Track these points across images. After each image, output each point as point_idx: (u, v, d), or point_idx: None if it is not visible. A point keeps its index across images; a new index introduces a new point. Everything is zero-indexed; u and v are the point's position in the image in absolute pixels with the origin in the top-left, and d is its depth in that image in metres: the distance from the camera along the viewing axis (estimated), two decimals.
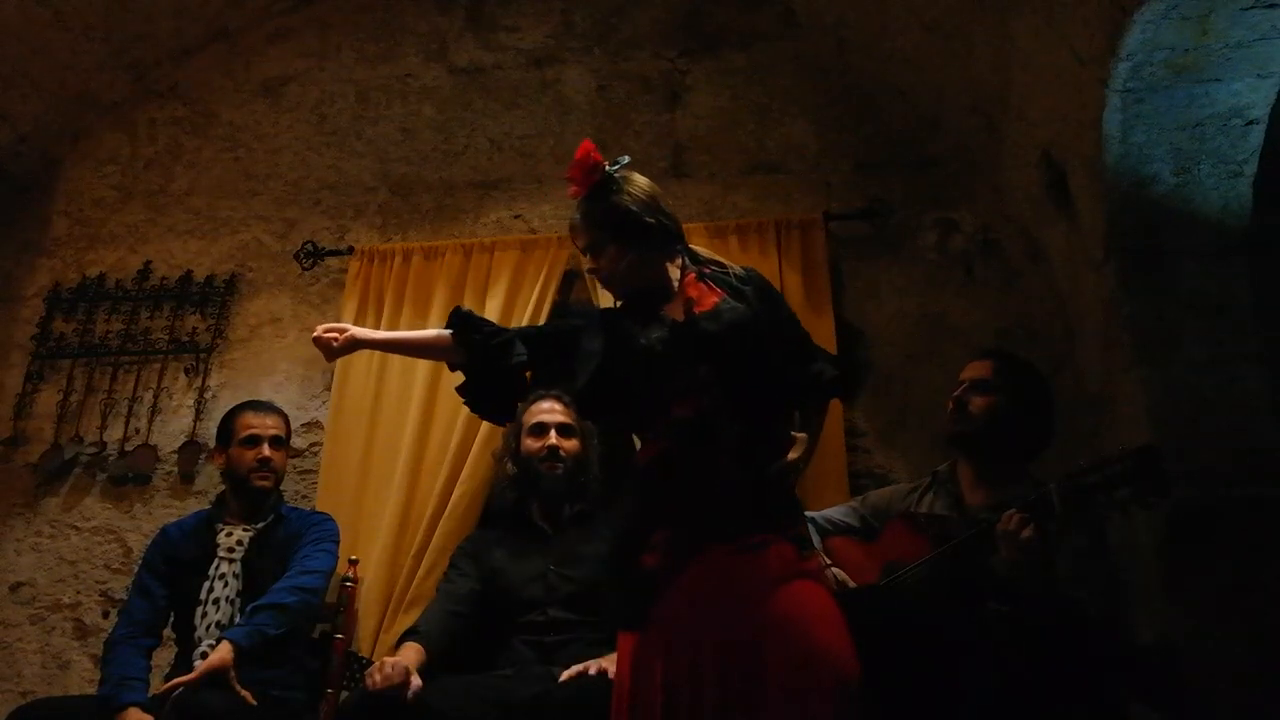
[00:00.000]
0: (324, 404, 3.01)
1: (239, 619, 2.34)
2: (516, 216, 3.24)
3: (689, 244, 1.96)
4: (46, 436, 3.14)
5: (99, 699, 2.25)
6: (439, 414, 2.82)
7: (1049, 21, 2.23)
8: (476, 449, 2.75)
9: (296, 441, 2.92)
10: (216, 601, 2.40)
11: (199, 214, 3.42)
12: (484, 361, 1.87)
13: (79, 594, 2.94)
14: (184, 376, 3.18)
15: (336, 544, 2.55)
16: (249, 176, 3.45)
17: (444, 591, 2.39)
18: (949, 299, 2.91)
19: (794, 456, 1.77)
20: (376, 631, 2.61)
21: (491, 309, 2.90)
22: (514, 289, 2.95)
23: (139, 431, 3.12)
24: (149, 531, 2.84)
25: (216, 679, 2.13)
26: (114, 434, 3.11)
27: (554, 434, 2.46)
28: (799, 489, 1.90)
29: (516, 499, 2.51)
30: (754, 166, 3.19)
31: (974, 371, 2.20)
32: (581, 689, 2.00)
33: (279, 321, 3.21)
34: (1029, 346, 2.67)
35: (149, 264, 3.35)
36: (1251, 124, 2.08)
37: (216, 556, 2.46)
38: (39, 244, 3.47)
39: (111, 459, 3.07)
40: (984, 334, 2.80)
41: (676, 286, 1.85)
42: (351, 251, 3.15)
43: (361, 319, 2.99)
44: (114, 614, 2.79)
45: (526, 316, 2.87)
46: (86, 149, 3.60)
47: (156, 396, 3.15)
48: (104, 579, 2.95)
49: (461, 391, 1.92)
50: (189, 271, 3.31)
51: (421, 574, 2.63)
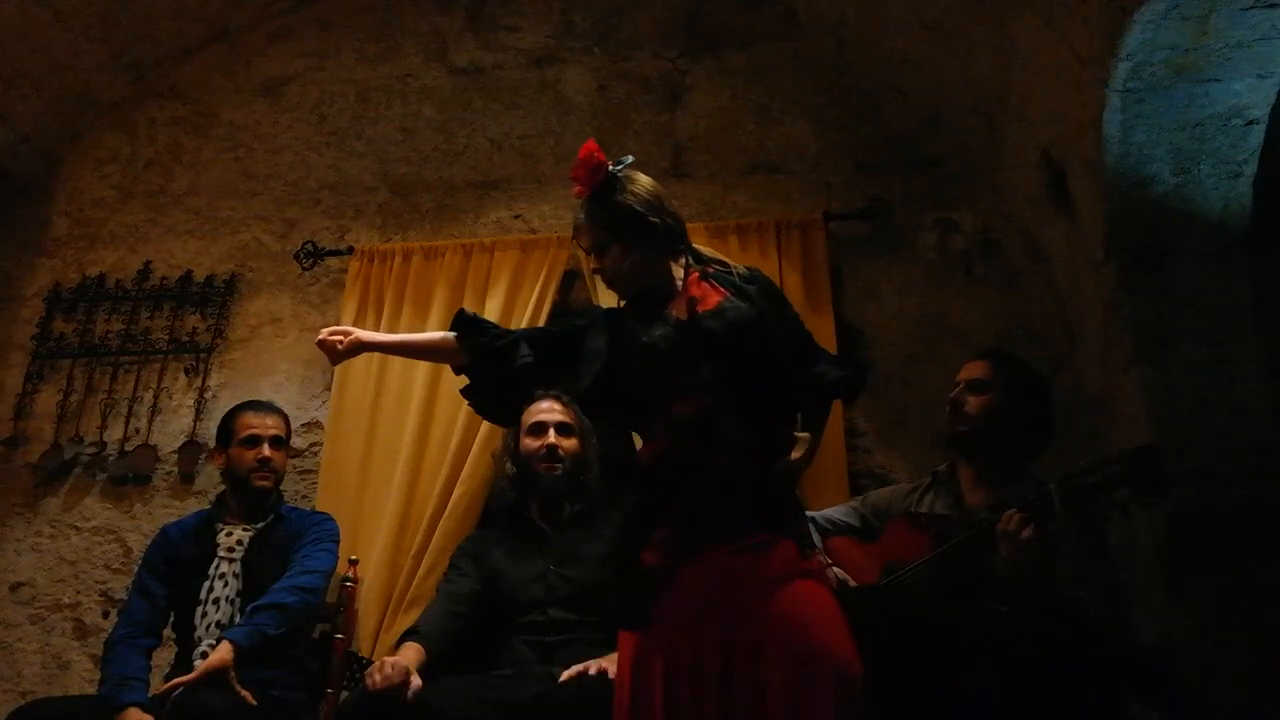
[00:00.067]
0: (324, 404, 3.02)
1: (239, 619, 2.34)
2: (516, 216, 3.24)
3: (692, 243, 1.96)
4: (46, 436, 3.14)
5: (99, 699, 2.25)
6: (439, 414, 2.82)
7: (1049, 21, 2.23)
8: (476, 449, 2.75)
9: (296, 441, 2.92)
10: (216, 601, 2.40)
11: (199, 214, 3.42)
12: (490, 364, 1.86)
13: (79, 594, 2.94)
14: (184, 376, 3.18)
15: (336, 544, 2.55)
16: (249, 176, 3.45)
17: (444, 591, 2.39)
18: (949, 299, 2.91)
19: (796, 456, 1.77)
20: (376, 631, 2.61)
21: (491, 309, 2.90)
22: (514, 289, 2.95)
23: (139, 431, 3.12)
24: (149, 531, 2.84)
25: (216, 679, 2.13)
26: (114, 434, 3.11)
27: (553, 433, 2.45)
28: (799, 489, 1.90)
29: (516, 499, 2.51)
30: (754, 166, 3.19)
31: (970, 372, 2.20)
32: (582, 689, 1.99)
33: (279, 321, 3.21)
34: (1029, 346, 2.67)
35: (149, 264, 3.35)
36: (1251, 124, 2.08)
37: (216, 556, 2.46)
38: (39, 244, 3.47)
39: (111, 459, 3.07)
40: (984, 334, 2.80)
41: (680, 286, 1.85)
42: (351, 251, 3.15)
43: (361, 319, 2.99)
44: (114, 614, 2.79)
45: (526, 316, 2.87)
46: (86, 149, 3.59)
47: (156, 396, 3.15)
48: (104, 579, 2.95)
49: (466, 394, 1.92)
50: (189, 271, 3.31)
51: (421, 574, 2.63)
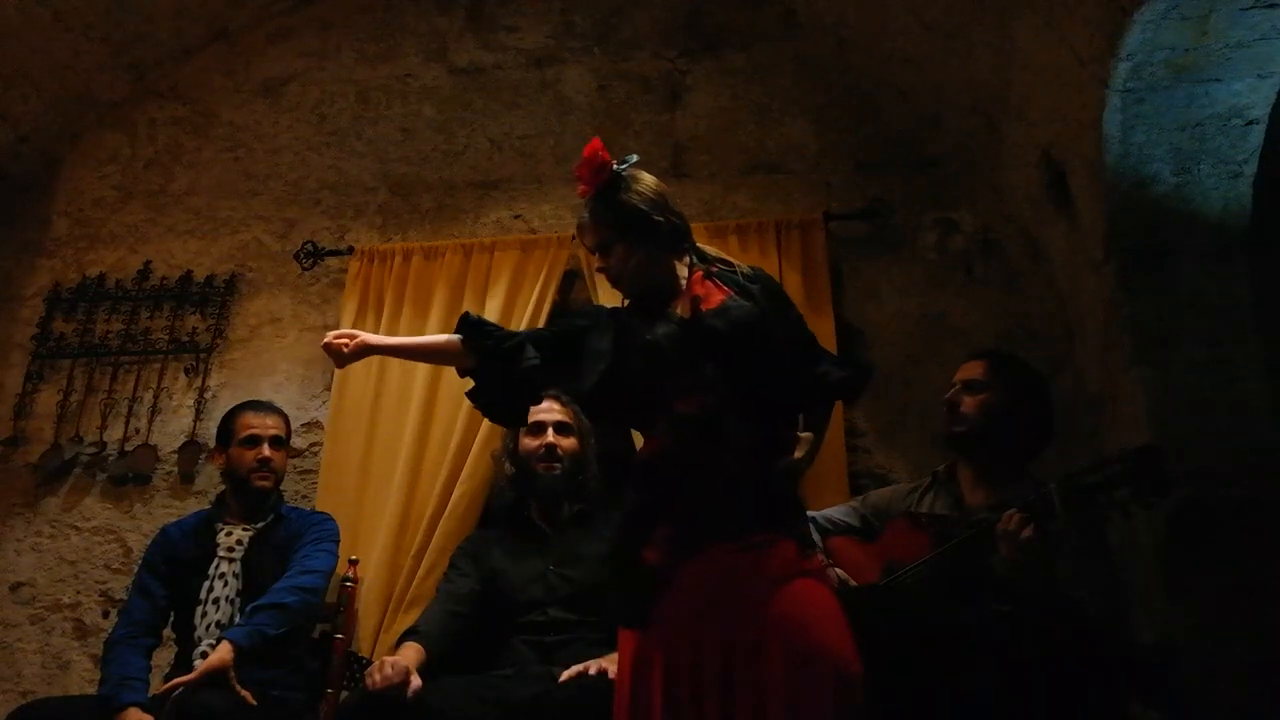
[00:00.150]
0: (324, 404, 3.02)
1: (239, 619, 2.34)
2: (516, 216, 3.24)
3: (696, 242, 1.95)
4: (46, 436, 3.14)
5: (99, 699, 2.25)
6: (439, 414, 2.82)
7: (1049, 21, 2.23)
8: (476, 449, 2.75)
9: (296, 441, 2.92)
10: (216, 601, 2.40)
11: (199, 214, 3.42)
12: (495, 366, 1.86)
13: (79, 594, 2.94)
14: (184, 376, 3.18)
15: (336, 544, 2.55)
16: (249, 176, 3.45)
17: (444, 591, 2.39)
18: (949, 299, 2.91)
19: (798, 455, 1.77)
20: (376, 631, 2.61)
21: (491, 309, 2.90)
22: (514, 289, 2.95)
23: (139, 431, 3.12)
24: (149, 531, 2.84)
25: (216, 679, 2.13)
26: (114, 434, 3.11)
27: (551, 432, 2.45)
28: (799, 489, 1.89)
29: (515, 499, 2.51)
30: (754, 166, 3.19)
31: (967, 372, 2.20)
32: (581, 689, 1.99)
33: (279, 321, 3.21)
34: (1029, 346, 2.67)
35: (149, 264, 3.35)
36: (1251, 124, 2.08)
37: (216, 556, 2.46)
38: (39, 244, 3.47)
39: (111, 459, 3.07)
40: (984, 334, 2.80)
41: (684, 285, 1.85)
42: (351, 251, 3.15)
43: (361, 319, 2.99)
44: (114, 614, 2.79)
45: (526, 316, 2.87)
46: (86, 149, 3.59)
47: (156, 396, 3.15)
48: (104, 579, 2.95)
49: (472, 396, 1.92)
50: (189, 271, 3.31)
51: (421, 574, 2.63)
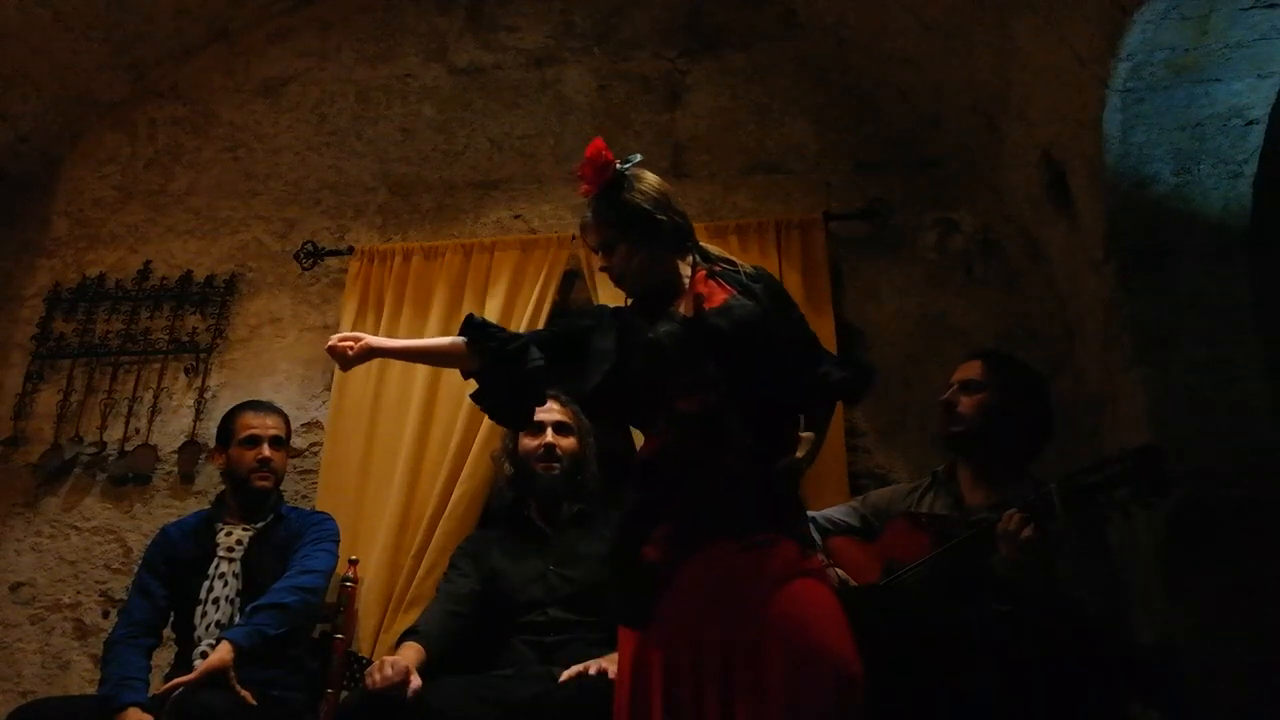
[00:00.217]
0: (324, 404, 3.01)
1: (239, 619, 2.34)
2: (516, 216, 3.24)
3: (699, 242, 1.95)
4: (46, 436, 3.14)
5: (99, 699, 2.25)
6: (439, 414, 2.82)
7: (1049, 21, 2.23)
8: (476, 449, 2.74)
9: (296, 441, 2.92)
10: (216, 601, 2.40)
11: (199, 214, 3.42)
12: (500, 369, 1.85)
13: (79, 594, 2.94)
14: (184, 376, 3.18)
15: (336, 544, 2.55)
16: (249, 176, 3.45)
17: (444, 591, 2.39)
18: (949, 299, 2.91)
19: (799, 455, 1.77)
20: (376, 631, 2.61)
21: (491, 309, 2.90)
22: (514, 289, 2.95)
23: (139, 431, 3.12)
24: (149, 531, 2.84)
25: (216, 679, 2.13)
26: (114, 434, 3.11)
27: (550, 432, 2.45)
28: (800, 489, 1.89)
29: (515, 499, 2.51)
30: (754, 166, 3.19)
31: (964, 373, 2.20)
32: (581, 689, 1.99)
33: (279, 321, 3.21)
34: (1029, 346, 2.68)
35: (149, 264, 3.35)
36: (1251, 124, 2.08)
37: (216, 556, 2.46)
38: (39, 244, 3.47)
39: (111, 459, 3.07)
40: (984, 334, 2.80)
41: (687, 284, 1.85)
42: (351, 251, 3.15)
43: (361, 319, 2.99)
44: (114, 614, 2.79)
45: (526, 316, 2.87)
46: (86, 149, 3.59)
47: (156, 396, 3.15)
48: (104, 579, 2.95)
49: (477, 399, 1.91)
50: (189, 271, 3.31)
51: (421, 574, 2.63)
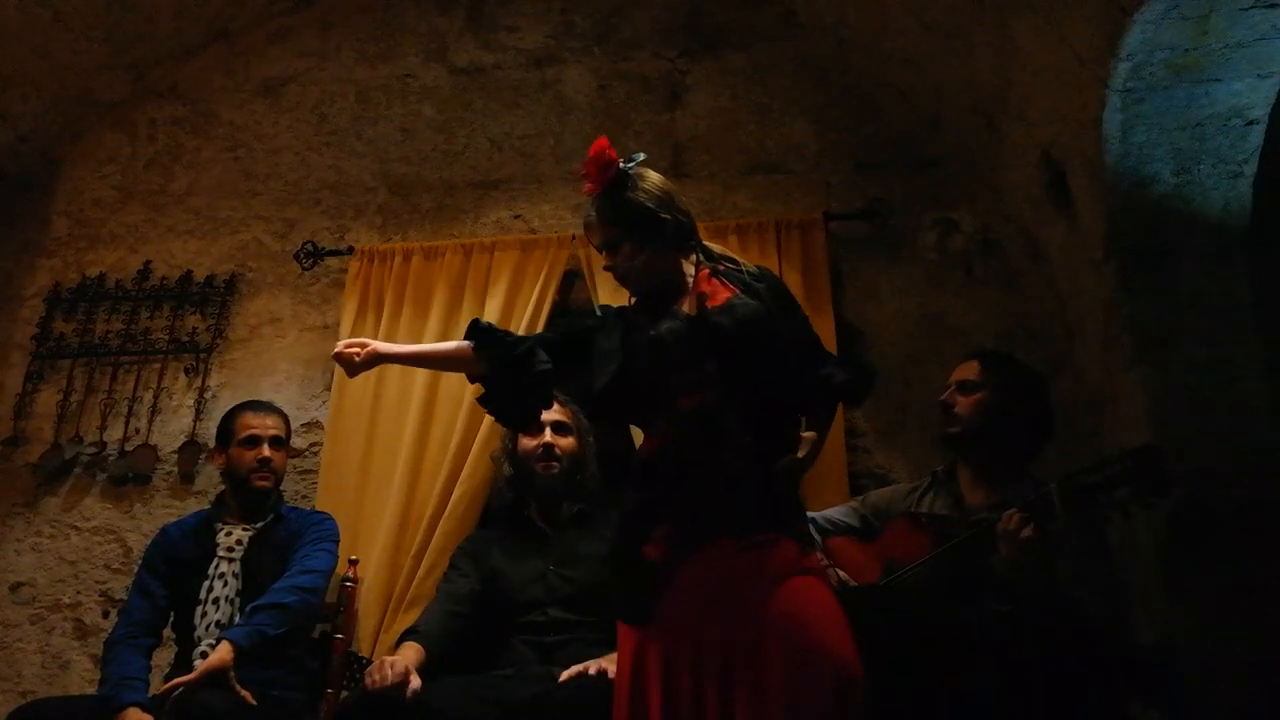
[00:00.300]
0: (324, 404, 3.01)
1: (239, 619, 2.34)
2: (516, 216, 3.24)
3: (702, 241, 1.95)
4: (46, 436, 3.13)
5: (99, 699, 2.24)
6: (439, 414, 2.82)
7: (1049, 21, 2.23)
8: (476, 449, 2.74)
9: (296, 441, 2.92)
10: (216, 601, 2.40)
11: (199, 214, 3.42)
12: (507, 372, 1.86)
13: (79, 594, 2.94)
14: (184, 376, 3.18)
15: (336, 543, 2.55)
16: (249, 176, 3.45)
17: (444, 591, 2.39)
18: (949, 299, 2.91)
19: (800, 455, 1.77)
20: (376, 631, 2.61)
21: (491, 309, 2.90)
22: (514, 289, 2.95)
23: (139, 431, 3.12)
24: (149, 531, 2.84)
25: (216, 679, 2.13)
26: (114, 434, 3.11)
27: (549, 432, 2.44)
28: (800, 489, 1.89)
29: (514, 499, 2.51)
30: (754, 166, 3.19)
31: (962, 373, 2.20)
32: (581, 689, 1.99)
33: (279, 321, 3.21)
34: (1029, 346, 2.68)
35: (149, 264, 3.35)
36: (1251, 124, 2.08)
37: (216, 556, 2.46)
38: (39, 244, 3.47)
39: (111, 459, 3.07)
40: (984, 334, 2.80)
41: (690, 283, 1.85)
42: (351, 251, 3.15)
43: (361, 319, 2.99)
44: (114, 614, 2.79)
45: (526, 316, 2.87)
46: (86, 149, 3.59)
47: (156, 396, 3.15)
48: (104, 579, 2.95)
49: (483, 402, 1.92)
50: (189, 271, 3.31)
51: (421, 574, 2.63)
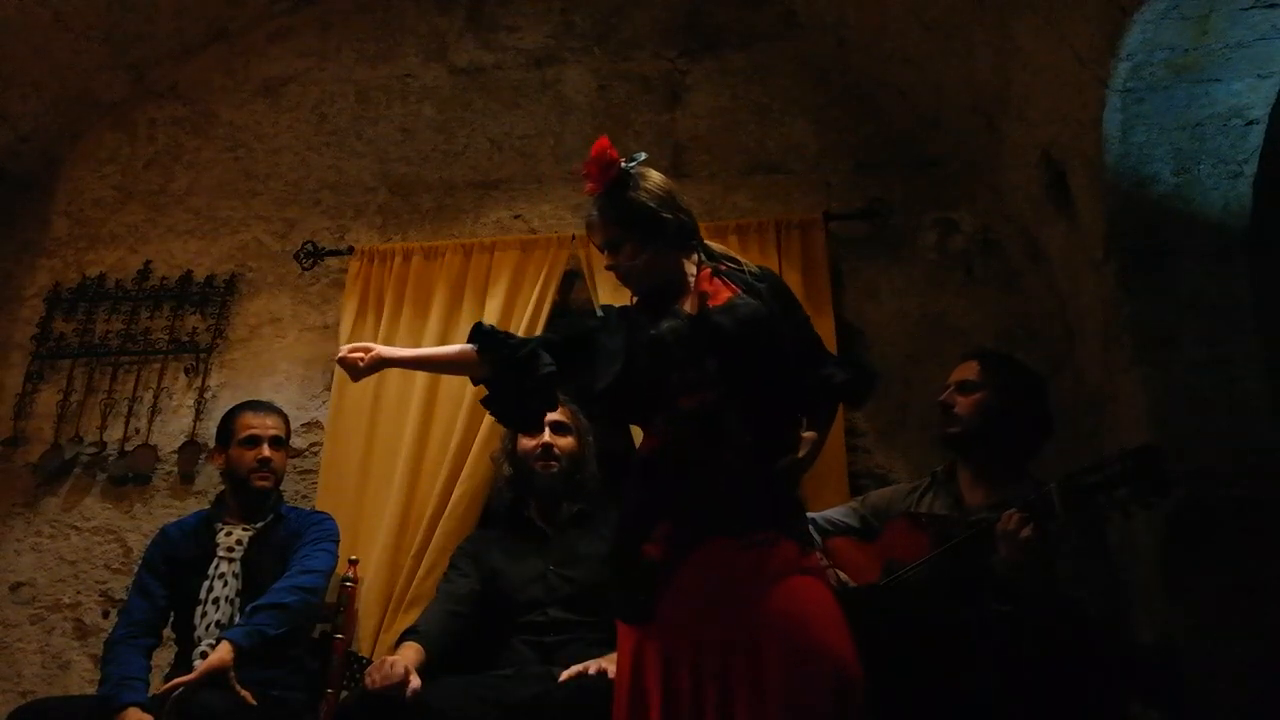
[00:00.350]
0: (324, 404, 3.01)
1: (239, 619, 2.34)
2: (516, 216, 3.24)
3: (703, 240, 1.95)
4: (46, 436, 3.14)
5: (99, 699, 2.24)
6: (439, 414, 2.82)
7: (1049, 21, 2.23)
8: (476, 449, 2.74)
9: (296, 441, 2.92)
10: (216, 601, 2.40)
11: (199, 214, 3.42)
12: (511, 375, 1.86)
13: (79, 594, 2.94)
14: (184, 376, 3.18)
15: (336, 543, 2.55)
16: (249, 176, 3.45)
17: (444, 591, 2.39)
18: (949, 299, 2.91)
19: (800, 455, 1.77)
20: (376, 631, 2.61)
21: (491, 309, 2.90)
22: (514, 289, 2.95)
23: (139, 431, 3.12)
24: (149, 531, 2.84)
25: (216, 679, 2.13)
26: (114, 434, 3.11)
27: (548, 432, 2.44)
28: (799, 489, 1.89)
29: (514, 499, 2.51)
30: (754, 166, 3.19)
31: (961, 373, 2.20)
32: (581, 689, 1.99)
33: (279, 321, 3.21)
34: (1029, 346, 2.68)
35: (149, 264, 3.35)
36: (1251, 124, 2.08)
37: (216, 556, 2.46)
38: (39, 244, 3.47)
39: (111, 459, 3.07)
40: (984, 334, 2.80)
41: (692, 282, 1.85)
42: (351, 251, 3.15)
43: (361, 319, 2.99)
44: (114, 614, 2.79)
45: (526, 316, 2.87)
46: (86, 149, 3.59)
47: (156, 396, 3.15)
48: (104, 579, 2.95)
49: (488, 405, 1.92)
50: (189, 271, 3.31)
51: (421, 574, 2.63)
